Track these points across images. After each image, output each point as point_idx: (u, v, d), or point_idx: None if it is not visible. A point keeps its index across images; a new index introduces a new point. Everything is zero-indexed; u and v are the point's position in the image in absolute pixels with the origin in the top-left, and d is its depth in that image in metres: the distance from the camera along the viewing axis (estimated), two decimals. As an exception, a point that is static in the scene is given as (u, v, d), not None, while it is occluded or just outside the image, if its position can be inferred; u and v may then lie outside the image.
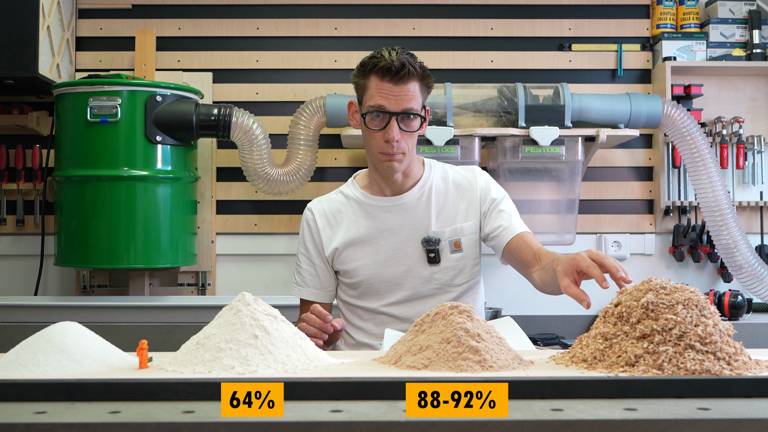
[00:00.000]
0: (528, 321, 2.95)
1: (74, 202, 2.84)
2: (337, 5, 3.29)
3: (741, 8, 3.25)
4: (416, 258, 1.95)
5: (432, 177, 2.00)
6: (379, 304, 1.97)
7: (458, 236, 1.95)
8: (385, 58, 1.83)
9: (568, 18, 3.32)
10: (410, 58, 1.84)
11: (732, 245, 2.94)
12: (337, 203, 2.02)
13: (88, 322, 1.40)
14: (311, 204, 2.05)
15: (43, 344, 1.19)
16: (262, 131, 2.96)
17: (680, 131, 2.98)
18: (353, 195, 2.01)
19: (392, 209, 1.97)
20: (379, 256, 1.95)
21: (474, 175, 2.01)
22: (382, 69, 1.83)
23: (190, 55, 3.27)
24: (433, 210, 1.96)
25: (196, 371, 1.16)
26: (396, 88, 1.83)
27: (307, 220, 2.03)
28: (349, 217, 1.99)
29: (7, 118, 3.11)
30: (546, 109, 2.96)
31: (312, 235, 2.01)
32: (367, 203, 1.98)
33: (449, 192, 1.99)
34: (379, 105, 1.84)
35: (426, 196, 1.97)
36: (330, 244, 1.98)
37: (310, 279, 2.01)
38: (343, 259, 1.97)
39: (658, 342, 1.14)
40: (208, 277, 3.22)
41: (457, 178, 2.01)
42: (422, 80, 1.86)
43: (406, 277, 1.95)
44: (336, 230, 1.99)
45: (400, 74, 1.82)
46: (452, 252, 1.95)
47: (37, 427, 0.88)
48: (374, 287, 1.96)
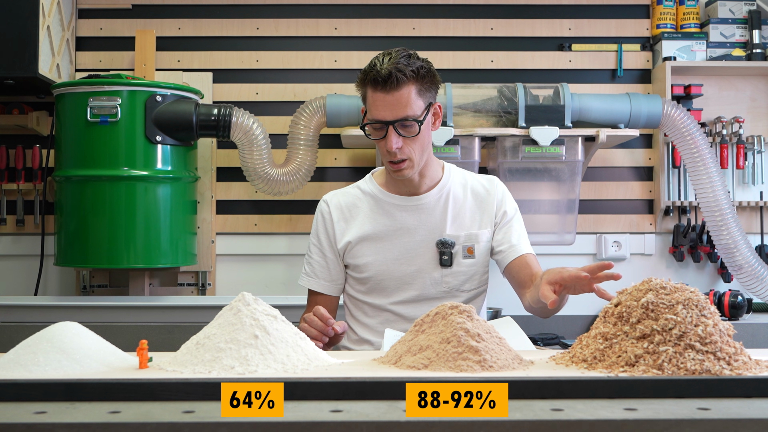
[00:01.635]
0: (528, 321, 2.95)
1: (74, 202, 2.84)
2: (337, 5, 3.29)
3: (741, 8, 3.25)
4: (428, 259, 1.96)
5: (451, 182, 2.01)
6: (386, 302, 1.97)
7: (472, 242, 1.96)
8: (376, 69, 1.82)
9: (568, 18, 3.32)
10: (404, 63, 1.82)
11: (732, 245, 2.94)
12: (353, 197, 2.02)
13: (88, 322, 1.40)
14: (327, 196, 2.05)
15: (43, 344, 1.19)
16: (262, 131, 2.96)
17: (680, 131, 2.98)
18: (370, 191, 2.01)
19: (409, 209, 1.97)
20: (392, 254, 1.96)
21: (493, 185, 2.03)
22: (372, 80, 1.83)
23: (190, 55, 3.27)
24: (450, 214, 1.97)
25: (196, 371, 1.16)
26: (388, 97, 1.82)
27: (322, 211, 2.03)
28: (364, 212, 1.99)
29: (7, 118, 3.11)
30: (546, 109, 2.96)
31: (326, 226, 2.01)
32: (384, 200, 1.99)
33: (467, 198, 2.00)
34: (375, 116, 1.85)
35: (444, 200, 1.98)
36: (343, 237, 1.98)
37: (321, 270, 2.01)
38: (355, 253, 1.97)
39: (658, 342, 1.14)
40: (208, 277, 3.22)
41: (475, 186, 2.02)
42: (419, 82, 1.84)
43: (416, 277, 1.96)
44: (350, 224, 1.99)
45: (388, 83, 1.81)
46: (465, 257, 1.96)
47: (37, 427, 0.88)
48: (383, 284, 1.97)
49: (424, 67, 1.86)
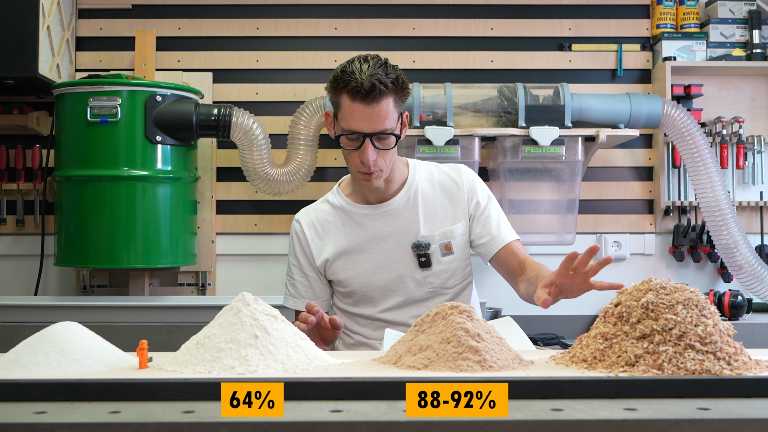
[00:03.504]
0: (528, 321, 2.95)
1: (74, 202, 2.84)
2: (337, 5, 3.29)
3: (741, 8, 3.25)
4: (407, 263, 1.94)
5: (417, 179, 1.97)
6: (374, 311, 1.96)
7: (448, 239, 1.94)
8: (356, 78, 1.77)
9: (568, 18, 3.32)
10: (383, 72, 1.78)
11: (732, 245, 2.94)
12: (324, 213, 2.00)
13: (88, 322, 1.40)
14: (298, 215, 2.03)
15: (43, 344, 1.19)
16: (262, 131, 2.96)
17: (680, 131, 2.98)
18: (339, 204, 1.99)
19: (379, 216, 1.95)
20: (371, 264, 1.94)
21: (460, 174, 1.98)
22: (353, 90, 1.78)
23: (190, 55, 3.27)
24: (421, 214, 1.95)
25: (196, 371, 1.16)
26: (368, 109, 1.78)
27: (296, 231, 2.01)
28: (336, 226, 1.97)
29: (7, 118, 3.11)
30: (546, 109, 2.96)
31: (302, 246, 1.99)
32: (353, 212, 1.97)
33: (436, 194, 1.97)
34: (352, 128, 1.81)
35: (412, 200, 1.95)
36: (320, 255, 1.97)
37: (304, 290, 2.00)
38: (335, 270, 1.96)
39: (658, 342, 1.14)
40: (208, 277, 3.22)
41: (443, 180, 1.98)
42: (397, 93, 1.81)
43: (399, 283, 1.94)
44: (325, 241, 1.97)
45: (370, 96, 1.77)
46: (443, 255, 1.94)
47: (37, 427, 0.88)
48: (368, 295, 1.95)
49: (399, 77, 1.82)
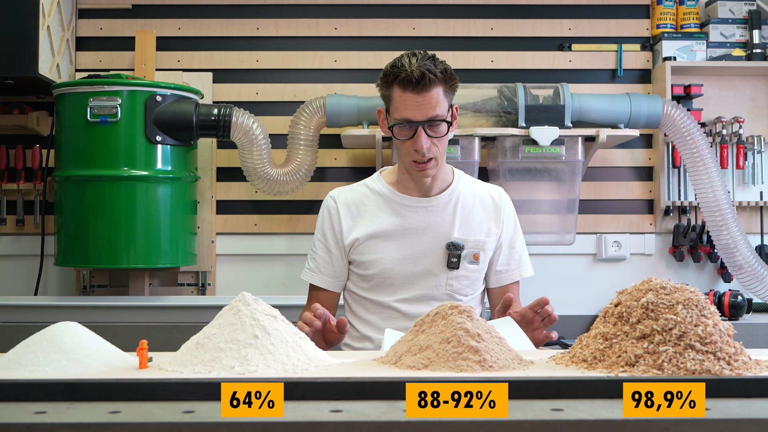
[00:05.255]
0: (528, 321, 2.95)
1: (74, 202, 2.84)
2: (337, 5, 3.29)
3: (741, 8, 3.25)
4: (435, 261, 1.97)
5: (461, 187, 2.03)
6: (389, 299, 1.98)
7: (479, 249, 1.99)
8: (406, 69, 1.83)
9: (568, 18, 3.32)
10: (431, 63, 1.85)
11: (732, 245, 2.94)
12: (361, 195, 2.03)
13: (88, 322, 1.40)
14: (334, 192, 2.05)
15: (43, 344, 1.19)
16: (262, 131, 2.96)
17: (680, 131, 2.98)
18: (379, 190, 2.02)
19: (419, 210, 1.98)
20: (399, 253, 1.97)
21: (500, 195, 2.06)
22: (404, 80, 1.83)
23: (190, 55, 3.27)
24: (458, 218, 1.99)
25: (196, 371, 1.16)
26: (419, 98, 1.84)
27: (328, 207, 2.03)
28: (372, 210, 2.00)
29: (7, 118, 3.11)
30: (546, 109, 2.96)
31: (332, 223, 2.01)
32: (393, 200, 2.00)
33: (475, 205, 2.02)
34: (405, 116, 1.86)
35: (454, 204, 2.00)
36: (350, 234, 1.99)
37: (324, 266, 2.02)
38: (362, 250, 1.98)
39: (658, 342, 1.14)
40: (208, 277, 3.22)
41: (483, 195, 2.04)
42: (446, 83, 1.87)
43: (421, 277, 1.97)
44: (358, 221, 2.00)
45: (421, 84, 1.82)
46: (470, 263, 1.98)
47: (37, 427, 0.88)
48: (388, 281, 1.97)
49: (448, 69, 1.89)
